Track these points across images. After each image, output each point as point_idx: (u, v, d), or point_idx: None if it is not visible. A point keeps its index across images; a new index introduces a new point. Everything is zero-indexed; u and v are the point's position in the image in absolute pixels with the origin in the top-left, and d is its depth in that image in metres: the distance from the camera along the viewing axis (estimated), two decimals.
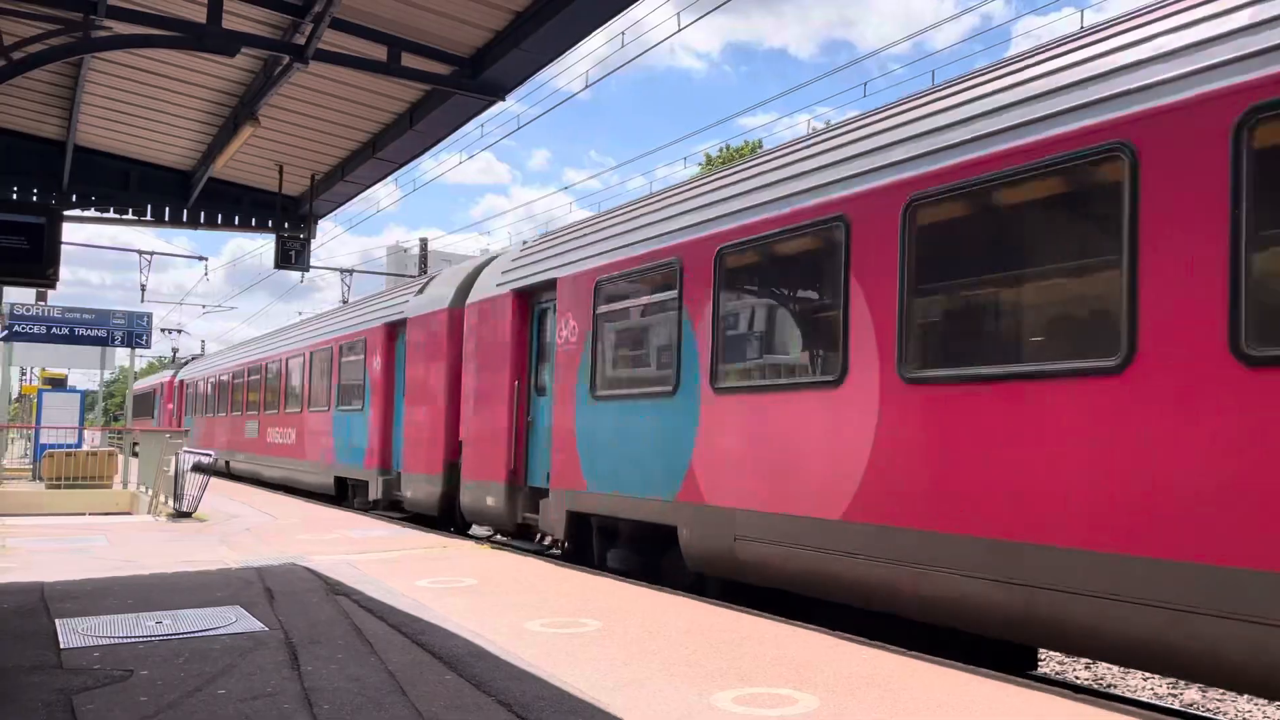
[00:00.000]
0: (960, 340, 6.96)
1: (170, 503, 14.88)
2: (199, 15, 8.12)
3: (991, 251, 6.84)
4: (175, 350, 68.38)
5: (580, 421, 10.73)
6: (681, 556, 9.07)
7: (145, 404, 46.08)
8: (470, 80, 9.16)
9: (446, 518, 14.38)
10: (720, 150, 45.56)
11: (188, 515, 14.41)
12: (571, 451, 10.83)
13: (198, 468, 14.55)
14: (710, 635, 6.52)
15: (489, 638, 6.26)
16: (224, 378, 29.71)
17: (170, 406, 38.33)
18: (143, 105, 11.31)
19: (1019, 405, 6.12)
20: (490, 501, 12.65)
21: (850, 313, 7.36)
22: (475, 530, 14.78)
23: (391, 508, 16.44)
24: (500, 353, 12.63)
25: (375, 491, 16.59)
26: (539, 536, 12.90)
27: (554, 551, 12.28)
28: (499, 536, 14.02)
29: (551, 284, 11.54)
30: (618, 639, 6.36)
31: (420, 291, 15.84)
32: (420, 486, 14.97)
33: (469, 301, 13.80)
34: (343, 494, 18.66)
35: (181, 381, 36.87)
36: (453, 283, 14.71)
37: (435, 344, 14.63)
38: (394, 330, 16.61)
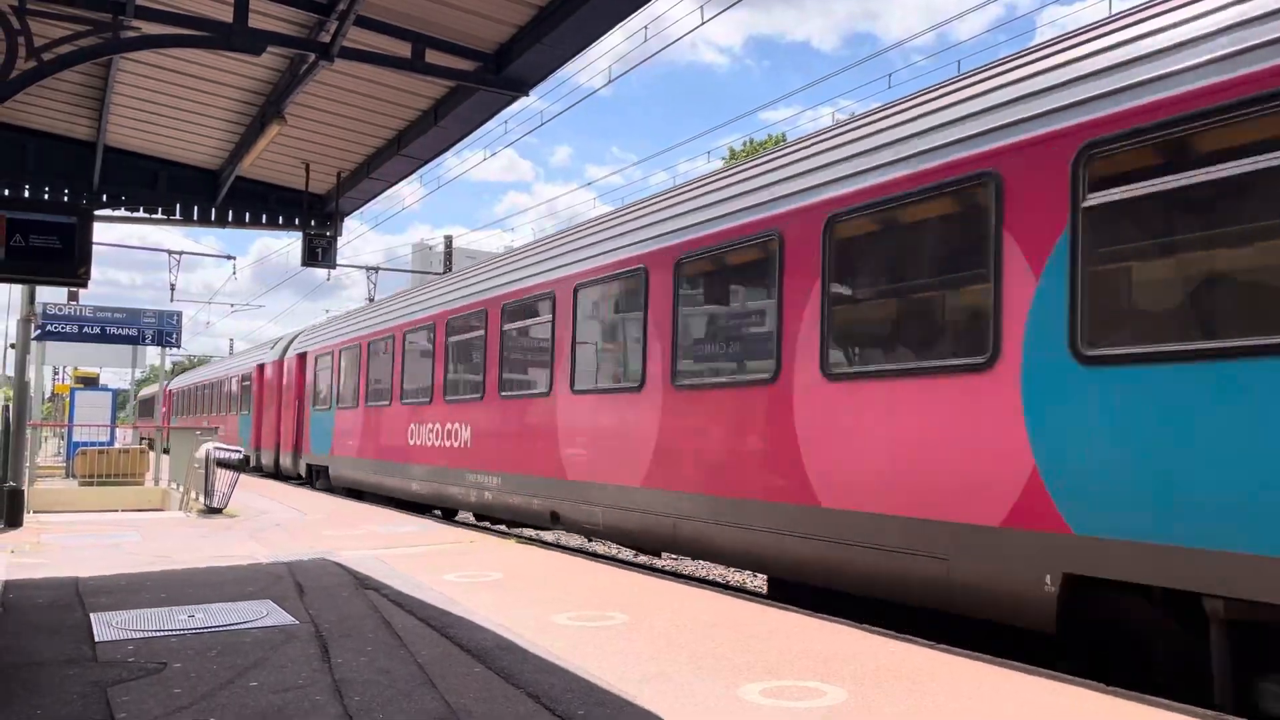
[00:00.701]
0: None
1: (201, 499, 15.04)
2: (226, 15, 8.17)
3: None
4: (231, 342, 70.87)
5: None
6: None
7: (208, 398, 38.58)
8: (494, 76, 9.17)
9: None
10: (744, 144, 45.41)
11: (218, 511, 14.56)
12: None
13: (224, 464, 14.70)
14: (738, 628, 6.52)
15: (516, 631, 6.29)
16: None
17: (287, 397, 25.50)
18: (171, 105, 11.41)
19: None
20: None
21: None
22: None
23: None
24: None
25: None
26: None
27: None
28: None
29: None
30: (645, 632, 6.37)
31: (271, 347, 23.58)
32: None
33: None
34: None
35: (300, 357, 24.58)
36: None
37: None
38: (262, 369, 27.32)
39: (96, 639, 5.99)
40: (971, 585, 6.53)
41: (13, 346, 14.76)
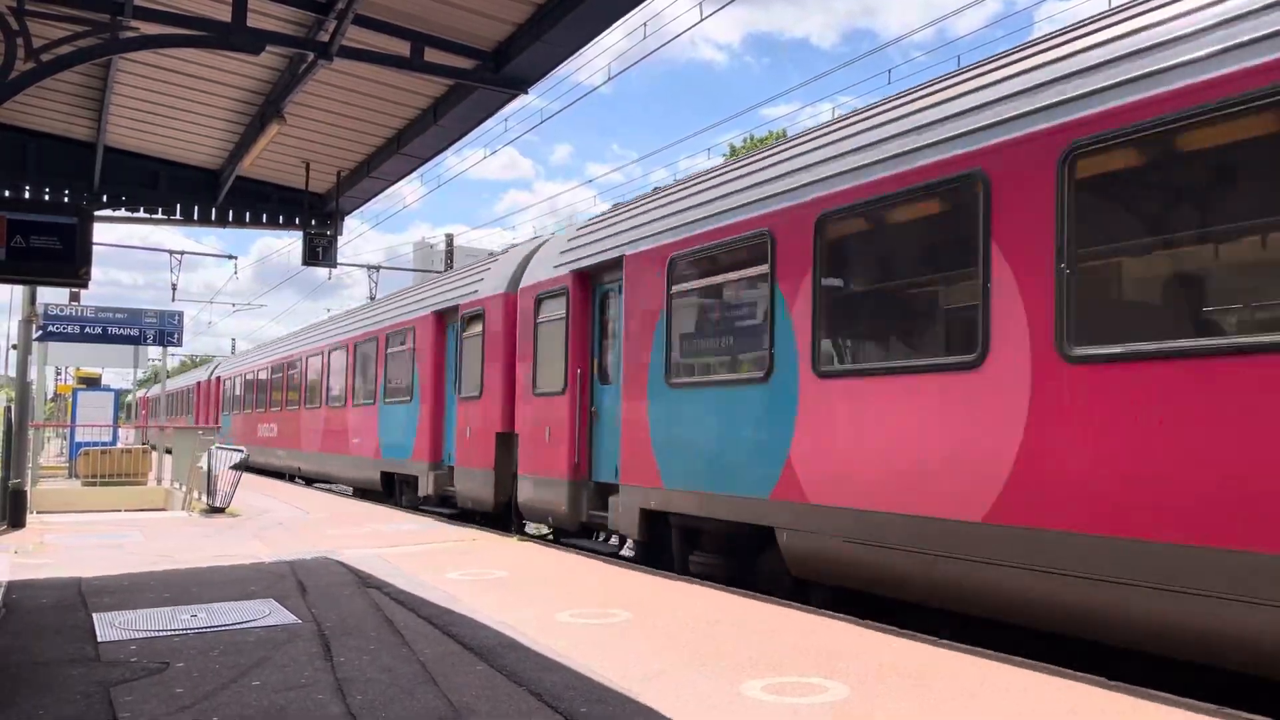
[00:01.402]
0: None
1: (203, 498, 15.05)
2: (224, 14, 8.17)
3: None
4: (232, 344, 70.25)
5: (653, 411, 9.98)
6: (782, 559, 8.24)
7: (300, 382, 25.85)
8: (493, 74, 9.17)
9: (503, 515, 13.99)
10: (745, 140, 45.39)
11: (220, 511, 14.58)
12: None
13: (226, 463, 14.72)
14: (740, 625, 6.52)
15: (519, 629, 6.29)
16: (261, 374, 29.63)
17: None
18: (171, 105, 11.40)
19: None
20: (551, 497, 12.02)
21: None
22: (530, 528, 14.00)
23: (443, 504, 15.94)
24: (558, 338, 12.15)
25: (425, 487, 16.17)
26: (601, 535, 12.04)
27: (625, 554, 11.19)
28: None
29: (618, 262, 10.90)
30: (647, 630, 6.37)
31: (475, 278, 15.49)
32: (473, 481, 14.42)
33: (522, 286, 13.35)
34: (390, 490, 18.54)
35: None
36: (507, 267, 14.32)
37: (491, 332, 14.22)
38: (443, 319, 16.33)
39: (99, 639, 6.00)
40: None
41: (14, 347, 14.77)
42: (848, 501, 7.43)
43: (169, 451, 20.06)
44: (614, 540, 11.54)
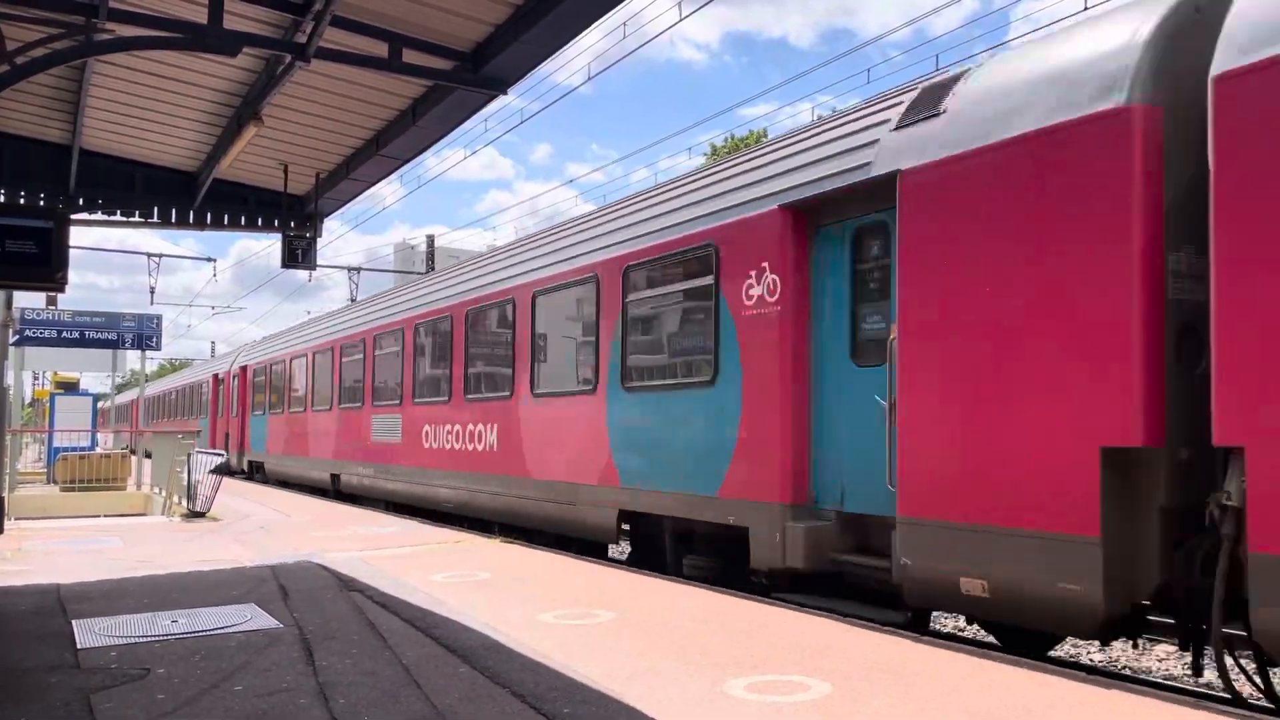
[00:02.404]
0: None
1: (184, 503, 14.96)
2: (200, 16, 8.13)
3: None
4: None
5: None
6: None
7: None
8: (472, 75, 9.16)
9: None
10: (726, 140, 45.41)
11: (201, 515, 14.49)
12: None
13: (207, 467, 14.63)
14: (724, 624, 6.54)
15: (503, 630, 6.29)
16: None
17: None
18: (147, 107, 11.34)
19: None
20: None
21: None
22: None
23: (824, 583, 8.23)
24: None
25: (779, 551, 8.17)
26: None
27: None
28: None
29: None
30: (631, 629, 6.38)
31: (929, 108, 7.31)
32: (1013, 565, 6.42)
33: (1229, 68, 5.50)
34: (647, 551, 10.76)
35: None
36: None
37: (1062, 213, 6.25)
38: (807, 219, 8.45)
39: (79, 646, 5.95)
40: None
41: None
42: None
43: (148, 455, 19.93)
44: None
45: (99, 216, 13.06)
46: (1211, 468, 5.53)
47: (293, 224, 13.56)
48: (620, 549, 13.36)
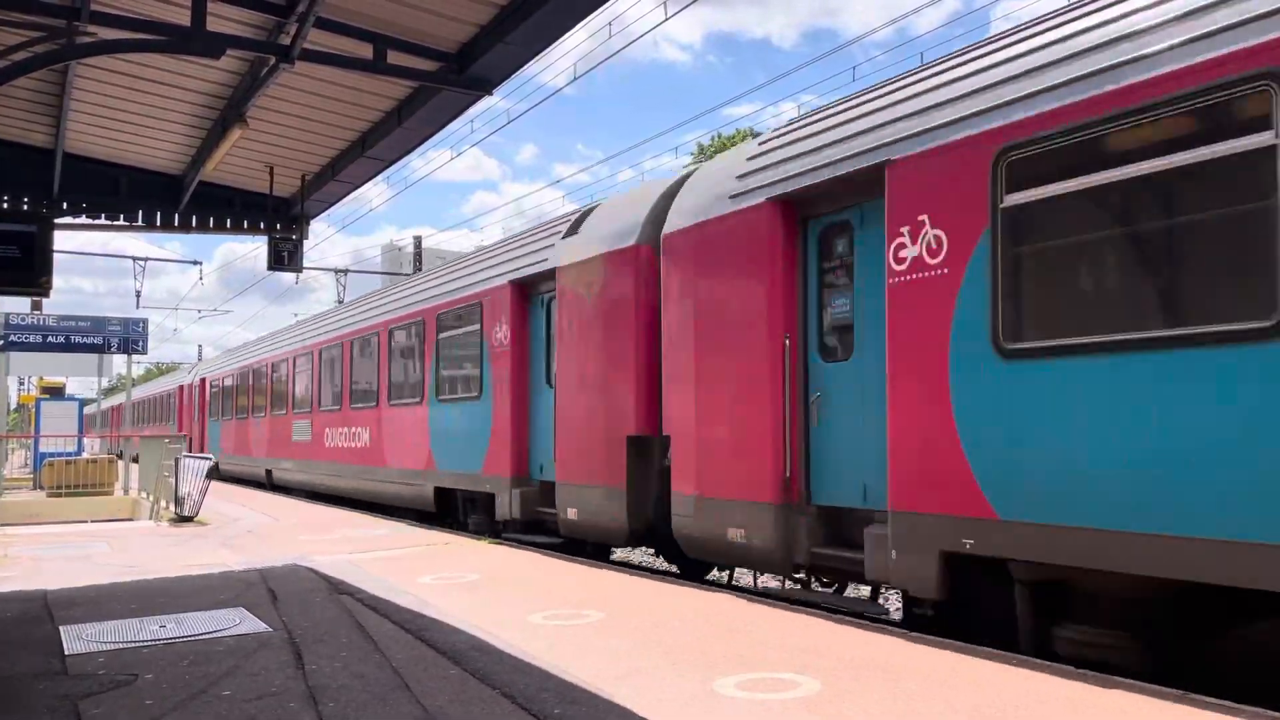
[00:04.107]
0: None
1: (171, 507, 14.90)
2: (183, 18, 8.09)
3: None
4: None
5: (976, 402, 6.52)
6: None
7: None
8: (457, 76, 9.14)
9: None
10: (713, 139, 45.51)
11: (189, 519, 14.43)
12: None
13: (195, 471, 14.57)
14: (713, 623, 6.55)
15: (492, 631, 6.28)
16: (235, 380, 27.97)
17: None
18: (130, 110, 11.28)
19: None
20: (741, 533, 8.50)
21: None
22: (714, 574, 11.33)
23: (530, 529, 12.28)
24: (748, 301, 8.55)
25: (507, 508, 12.51)
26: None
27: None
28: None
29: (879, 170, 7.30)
30: (621, 629, 6.38)
31: (573, 230, 11.77)
32: (593, 503, 10.71)
33: (670, 230, 9.64)
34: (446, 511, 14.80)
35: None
36: (639, 209, 10.68)
37: (611, 300, 10.60)
38: (526, 290, 12.63)
39: (66, 652, 5.92)
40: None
41: None
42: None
43: (135, 460, 19.85)
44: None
45: (83, 220, 12.99)
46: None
47: (279, 226, 13.51)
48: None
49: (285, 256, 13.39)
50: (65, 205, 12.58)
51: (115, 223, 13.23)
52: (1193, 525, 5.16)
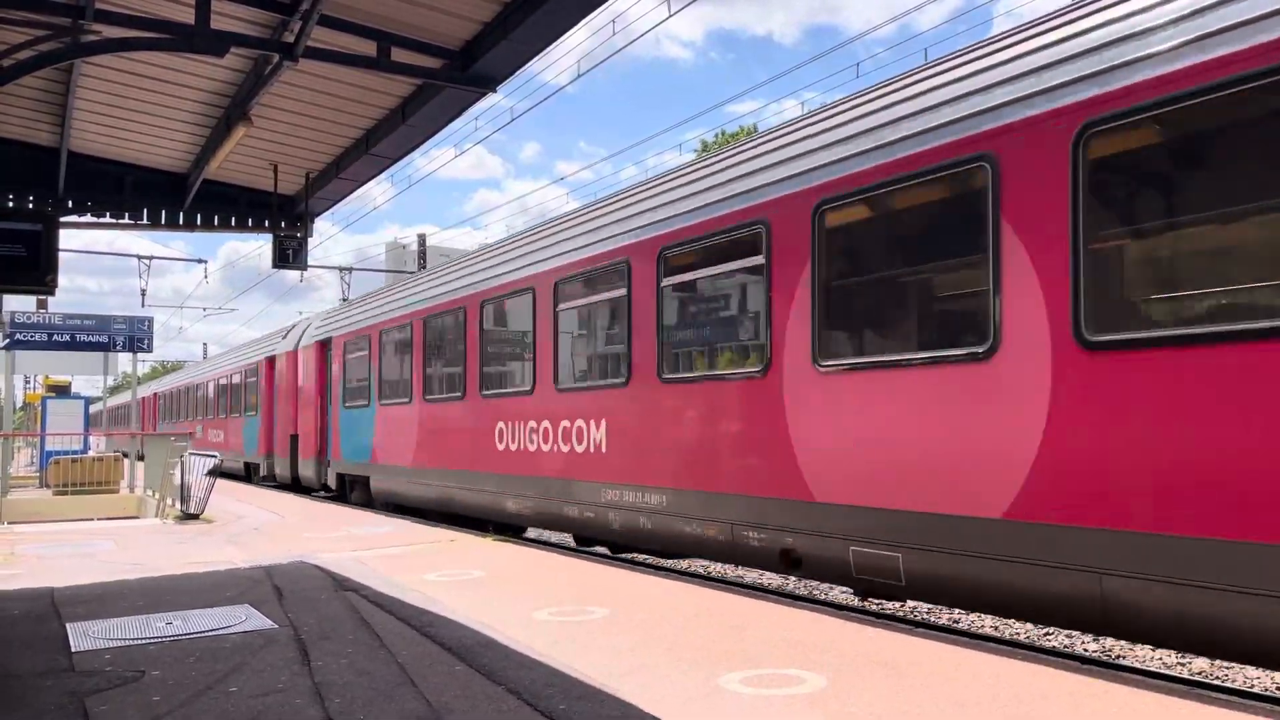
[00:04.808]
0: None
1: (177, 505, 14.93)
2: (187, 17, 8.11)
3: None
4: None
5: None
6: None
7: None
8: (460, 73, 9.15)
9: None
10: (716, 136, 45.46)
11: (195, 517, 14.46)
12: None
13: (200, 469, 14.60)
14: (718, 619, 6.55)
15: (497, 628, 6.29)
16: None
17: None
18: (135, 109, 11.30)
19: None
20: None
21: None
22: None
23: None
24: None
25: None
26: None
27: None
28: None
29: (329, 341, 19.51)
30: (625, 625, 6.39)
31: (283, 337, 23.53)
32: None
33: (299, 346, 21.44)
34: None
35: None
36: (295, 334, 21.92)
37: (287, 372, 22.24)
38: (270, 363, 23.79)
39: (73, 649, 5.94)
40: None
41: None
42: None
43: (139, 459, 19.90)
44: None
45: (88, 219, 13.02)
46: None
47: (283, 224, 13.54)
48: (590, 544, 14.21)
49: (290, 254, 13.42)
50: (70, 204, 12.62)
51: (120, 221, 13.25)
52: None
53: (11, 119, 11.65)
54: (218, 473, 14.70)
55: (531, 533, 15.45)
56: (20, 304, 23.06)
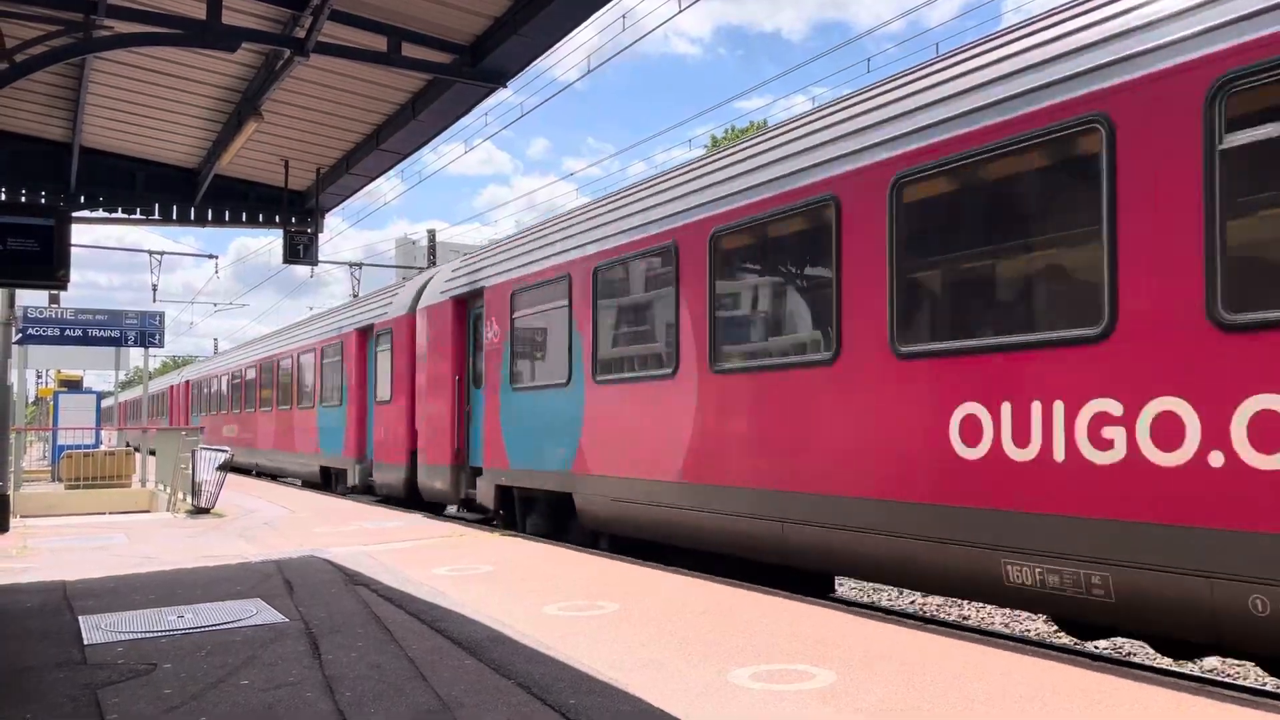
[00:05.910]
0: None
1: (188, 499, 14.99)
2: (199, 12, 8.12)
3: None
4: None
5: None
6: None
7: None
8: (471, 68, 9.14)
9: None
10: (726, 132, 45.39)
11: (206, 511, 14.53)
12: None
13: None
14: (728, 614, 6.55)
15: (507, 622, 6.30)
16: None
17: None
18: (146, 104, 11.33)
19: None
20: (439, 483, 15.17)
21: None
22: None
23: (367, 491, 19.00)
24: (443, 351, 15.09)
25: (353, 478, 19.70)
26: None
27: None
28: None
29: (480, 293, 13.86)
30: (635, 620, 6.40)
31: (389, 301, 18.79)
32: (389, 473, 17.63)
33: (420, 306, 16.22)
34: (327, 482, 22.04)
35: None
36: (410, 291, 17.39)
37: (399, 345, 17.34)
38: (365, 335, 19.54)
39: (85, 642, 5.97)
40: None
41: None
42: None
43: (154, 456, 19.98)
44: None
45: (100, 214, 13.06)
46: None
47: (294, 219, 13.55)
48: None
49: (300, 250, 13.44)
50: (82, 199, 12.66)
51: (132, 216, 13.29)
52: None
53: (24, 114, 11.69)
54: (228, 467, 14.76)
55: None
56: (33, 299, 23.18)
